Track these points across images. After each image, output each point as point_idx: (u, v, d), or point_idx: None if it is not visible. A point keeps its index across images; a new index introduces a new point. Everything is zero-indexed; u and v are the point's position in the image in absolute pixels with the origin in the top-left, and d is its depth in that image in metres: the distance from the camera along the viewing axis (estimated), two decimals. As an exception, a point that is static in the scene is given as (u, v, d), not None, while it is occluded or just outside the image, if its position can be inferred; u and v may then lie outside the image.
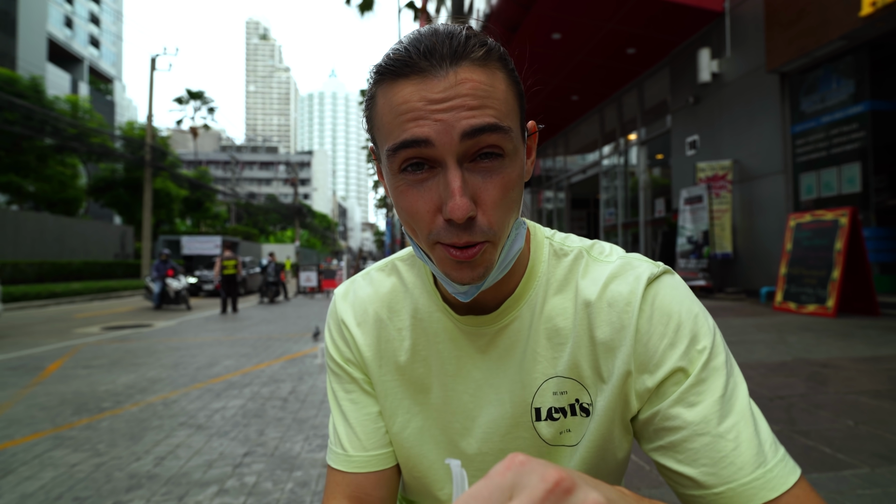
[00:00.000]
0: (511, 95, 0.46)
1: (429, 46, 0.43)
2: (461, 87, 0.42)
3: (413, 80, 0.43)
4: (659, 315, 0.49)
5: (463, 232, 0.44)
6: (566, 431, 0.54)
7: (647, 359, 0.49)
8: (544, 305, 0.55)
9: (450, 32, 0.44)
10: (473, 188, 0.44)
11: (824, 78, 6.78)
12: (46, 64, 32.28)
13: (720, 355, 0.48)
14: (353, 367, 0.62)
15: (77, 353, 5.64)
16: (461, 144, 0.43)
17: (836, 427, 2.32)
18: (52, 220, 19.47)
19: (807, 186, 7.06)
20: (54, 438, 2.80)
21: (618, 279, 0.52)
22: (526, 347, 0.54)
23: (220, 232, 38.59)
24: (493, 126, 0.43)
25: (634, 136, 11.52)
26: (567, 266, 0.56)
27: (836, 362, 3.53)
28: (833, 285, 5.65)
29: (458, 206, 0.42)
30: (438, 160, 0.44)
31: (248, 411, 3.24)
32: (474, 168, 0.44)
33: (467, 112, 0.42)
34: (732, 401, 0.46)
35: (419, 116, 0.42)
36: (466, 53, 0.43)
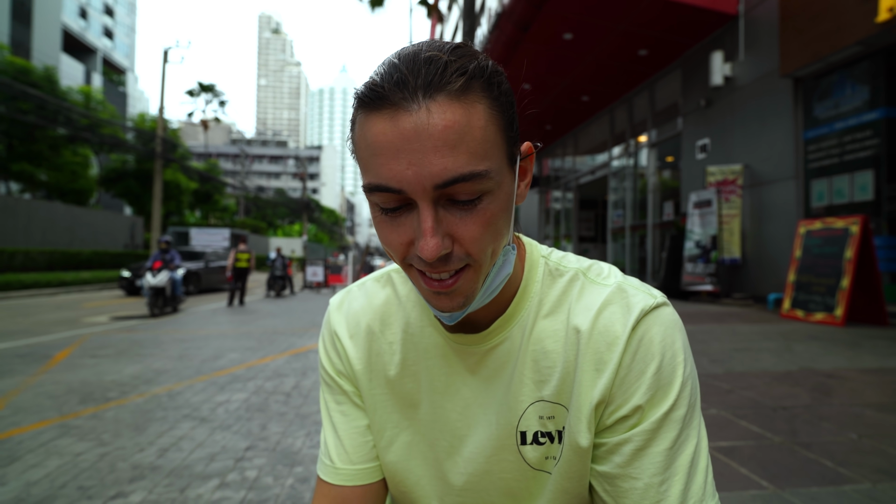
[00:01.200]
0: (493, 129, 0.43)
1: (402, 77, 0.41)
2: (433, 128, 0.40)
3: (384, 115, 0.41)
4: (643, 354, 0.49)
5: (439, 265, 0.44)
6: (552, 458, 0.53)
7: (621, 393, 0.49)
8: (534, 327, 0.54)
9: (429, 59, 0.41)
10: (449, 225, 0.43)
11: (839, 83, 6.70)
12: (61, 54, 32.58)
13: (682, 408, 0.48)
14: (344, 380, 0.62)
15: (85, 342, 5.72)
16: (434, 192, 0.41)
17: (839, 440, 2.30)
18: (64, 210, 19.68)
19: (818, 193, 6.98)
20: (60, 427, 2.84)
21: (611, 307, 0.51)
22: (514, 369, 0.54)
23: (228, 225, 38.84)
24: (467, 176, 0.41)
25: (645, 138, 11.44)
26: (561, 287, 0.55)
27: (843, 373, 3.50)
28: (842, 294, 5.59)
29: (428, 248, 0.41)
30: (413, 201, 0.43)
31: (252, 405, 3.27)
32: (450, 206, 0.43)
33: (439, 159, 0.40)
34: (677, 455, 0.47)
35: (390, 157, 0.41)
36: (442, 85, 0.41)
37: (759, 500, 1.77)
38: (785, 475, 1.96)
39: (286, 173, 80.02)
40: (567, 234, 16.41)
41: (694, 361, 0.52)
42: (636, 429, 0.48)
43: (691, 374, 0.50)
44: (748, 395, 3.01)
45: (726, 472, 1.98)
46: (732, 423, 2.52)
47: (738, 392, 3.06)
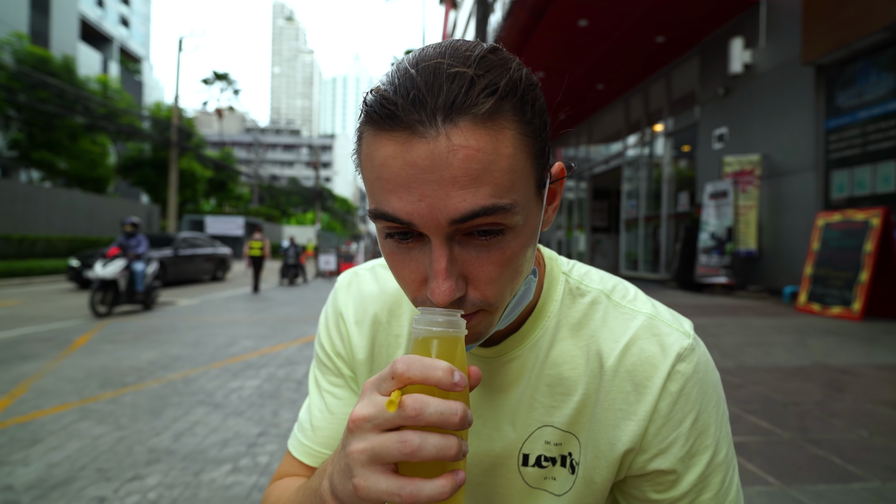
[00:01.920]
0: (522, 157, 0.38)
1: (419, 96, 0.35)
2: (454, 157, 0.35)
3: (396, 137, 0.36)
4: (683, 402, 0.46)
5: (451, 307, 0.40)
6: (551, 479, 0.51)
7: (658, 443, 0.46)
8: (551, 350, 0.50)
9: (453, 75, 0.35)
10: (464, 265, 0.39)
11: (863, 71, 6.50)
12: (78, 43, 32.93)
13: (722, 451, 0.47)
14: (341, 362, 0.60)
15: (104, 328, 5.86)
16: (449, 227, 0.37)
17: (850, 437, 2.28)
18: (83, 198, 20.05)
19: (838, 184, 6.82)
20: (80, 410, 2.93)
21: (641, 343, 0.47)
22: (525, 390, 0.51)
23: (242, 213, 39.24)
24: (489, 209, 0.36)
25: (661, 127, 11.25)
26: (583, 309, 0.51)
27: (857, 369, 3.45)
28: (860, 288, 5.48)
29: (440, 291, 0.37)
30: (424, 234, 0.39)
31: (264, 392, 3.34)
32: (468, 241, 0.39)
33: (458, 192, 0.35)
34: (726, 494, 0.47)
35: (400, 187, 0.36)
36: (467, 107, 0.35)
37: (764, 497, 1.77)
38: (792, 472, 1.95)
39: (299, 162, 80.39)
40: (580, 224, 16.28)
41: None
42: (680, 486, 0.46)
43: (724, 410, 0.49)
44: (759, 390, 2.98)
45: (733, 467, 1.98)
46: (741, 419, 2.51)
47: (749, 387, 3.04)
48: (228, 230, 30.74)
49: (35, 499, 1.91)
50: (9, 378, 3.64)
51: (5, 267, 11.92)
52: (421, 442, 0.32)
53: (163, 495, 1.94)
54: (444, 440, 0.33)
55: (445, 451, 0.33)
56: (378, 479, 0.33)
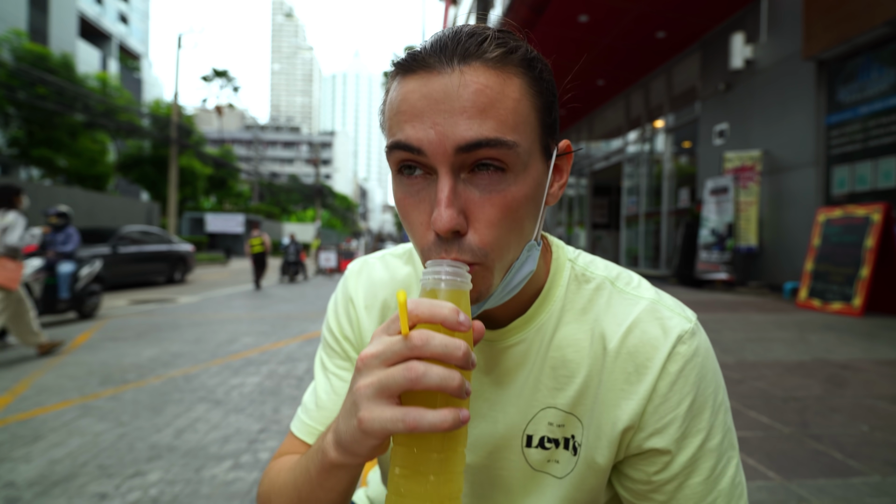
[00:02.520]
0: (527, 106, 0.42)
1: (442, 43, 0.41)
2: (464, 90, 0.39)
3: (418, 76, 0.41)
4: (681, 384, 0.47)
5: (450, 247, 0.41)
6: (554, 462, 0.52)
7: (654, 421, 0.48)
8: (556, 333, 0.52)
9: (472, 32, 0.41)
10: (467, 202, 0.41)
11: (864, 66, 6.48)
12: (77, 40, 32.86)
13: (716, 437, 0.48)
14: (349, 345, 0.61)
15: (105, 325, 5.87)
16: (456, 157, 0.40)
17: (850, 432, 2.28)
18: (83, 195, 20.03)
19: (839, 180, 6.81)
20: (81, 407, 2.94)
21: (644, 325, 0.49)
22: (530, 373, 0.52)
23: (243, 210, 39.24)
24: (493, 141, 0.39)
25: (661, 123, 11.23)
26: (588, 295, 0.53)
27: (857, 364, 3.45)
28: (861, 284, 5.48)
29: (441, 217, 0.39)
30: (432, 167, 0.41)
31: (265, 389, 3.34)
32: (472, 180, 0.41)
33: (466, 122, 0.39)
34: (718, 481, 0.48)
35: (415, 116, 0.40)
36: (480, 53, 0.40)
37: (764, 492, 1.77)
38: (792, 466, 1.95)
39: (299, 159, 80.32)
40: (580, 220, 16.27)
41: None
42: (672, 466, 0.47)
43: (723, 400, 0.50)
44: (759, 385, 2.99)
45: (733, 462, 1.98)
46: (741, 414, 2.51)
47: (749, 382, 3.04)
48: (229, 227, 30.75)
49: (37, 495, 1.91)
50: (10, 375, 3.64)
51: (6, 265, 11.91)
52: (425, 370, 0.34)
53: (164, 491, 1.95)
54: (447, 371, 0.34)
55: (448, 382, 0.34)
56: (383, 410, 0.35)
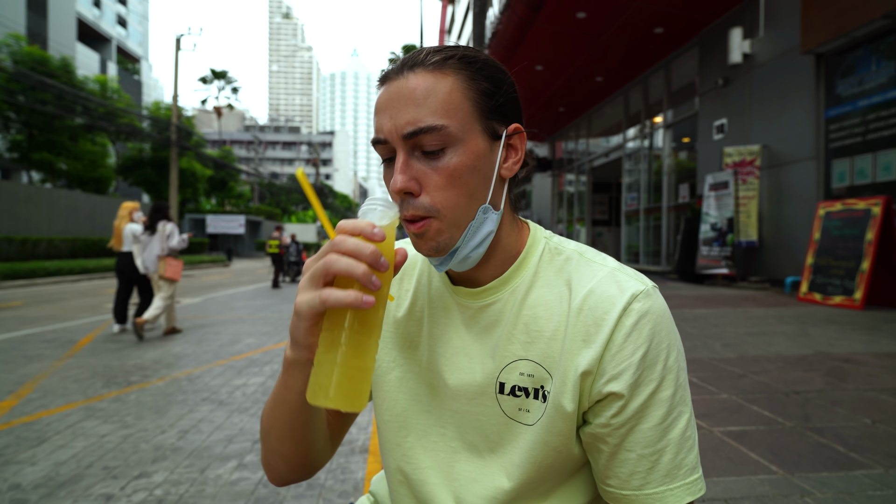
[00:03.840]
0: (458, 95, 0.53)
1: (402, 61, 0.54)
2: (405, 88, 0.52)
3: (385, 85, 0.55)
4: (635, 335, 0.53)
5: (408, 206, 0.53)
6: (525, 411, 0.58)
7: (611, 368, 0.53)
8: (528, 294, 0.59)
9: (428, 49, 0.55)
10: (418, 172, 0.53)
11: (863, 59, 6.46)
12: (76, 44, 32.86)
13: (668, 389, 0.53)
14: None
15: (108, 327, 5.88)
16: (405, 141, 0.52)
17: (852, 425, 2.28)
18: (84, 198, 20.08)
19: (839, 173, 6.80)
20: (86, 409, 2.95)
21: (604, 285, 0.56)
22: (504, 328, 0.59)
23: (243, 211, 39.25)
24: (425, 128, 0.51)
25: (660, 119, 11.21)
26: (559, 264, 0.61)
27: (859, 357, 3.45)
28: (862, 277, 5.48)
29: (395, 181, 0.52)
30: (394, 151, 0.54)
31: (268, 389, 3.35)
32: (421, 158, 0.53)
33: (406, 113, 0.51)
34: (668, 430, 0.53)
35: (380, 113, 0.54)
36: (422, 61, 0.53)
37: (767, 485, 1.78)
38: (795, 460, 1.96)
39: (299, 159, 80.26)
40: (580, 217, 16.26)
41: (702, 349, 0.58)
42: (626, 411, 0.53)
43: (678, 360, 0.55)
44: (761, 379, 2.99)
45: (735, 457, 1.99)
46: (744, 408, 2.52)
47: (751, 376, 3.05)
48: (230, 229, 30.76)
49: (42, 497, 1.92)
50: (14, 378, 3.66)
51: (8, 268, 11.95)
52: (336, 258, 0.45)
53: (169, 492, 1.96)
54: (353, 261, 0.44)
55: (354, 269, 0.44)
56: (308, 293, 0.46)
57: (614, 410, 0.53)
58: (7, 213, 15.92)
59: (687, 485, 0.53)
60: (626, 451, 0.53)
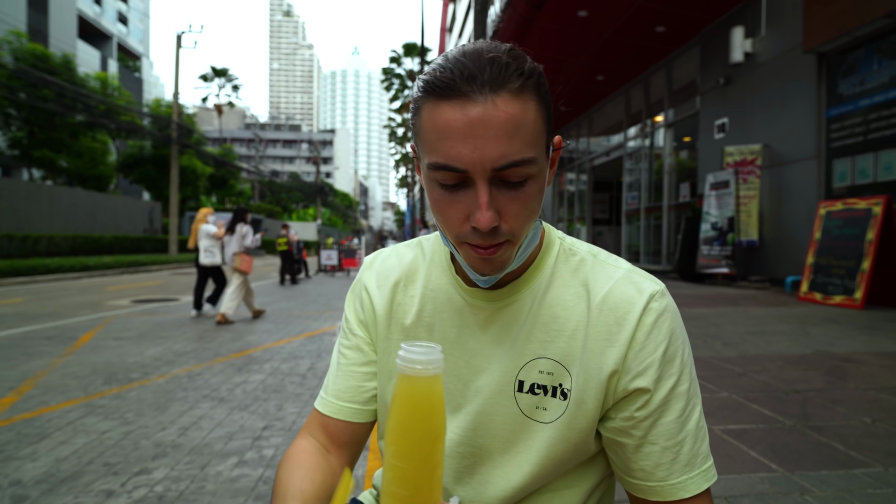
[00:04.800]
0: (540, 122, 0.51)
1: (472, 72, 0.48)
2: (496, 118, 0.47)
3: (454, 104, 0.48)
4: (655, 333, 0.56)
5: (487, 237, 0.52)
6: (542, 409, 0.59)
7: (636, 365, 0.56)
8: (546, 294, 0.61)
9: (492, 58, 0.49)
10: (499, 202, 0.51)
11: (865, 59, 6.45)
12: (77, 41, 32.83)
13: (685, 383, 0.57)
14: (362, 328, 0.70)
15: (108, 324, 5.89)
16: (491, 173, 0.49)
17: (852, 424, 2.28)
18: (85, 196, 20.09)
19: (840, 173, 6.80)
20: (86, 406, 2.95)
21: (622, 286, 0.58)
22: (522, 327, 0.60)
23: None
24: (520, 161, 0.49)
25: (661, 118, 11.20)
26: (574, 265, 0.62)
27: (859, 357, 3.45)
28: (862, 276, 5.48)
29: (484, 219, 0.50)
30: (471, 179, 0.50)
31: (268, 386, 3.36)
32: (501, 186, 0.51)
33: (499, 146, 0.48)
34: (686, 422, 0.57)
35: (458, 140, 0.48)
36: (504, 83, 0.48)
37: (767, 483, 1.78)
38: (795, 458, 1.96)
39: (300, 157, 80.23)
40: (581, 216, 16.25)
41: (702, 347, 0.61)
42: (650, 404, 0.56)
43: (690, 355, 0.59)
44: (761, 378, 2.99)
45: (735, 455, 1.99)
46: (744, 406, 2.52)
47: (751, 375, 3.05)
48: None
49: (43, 493, 1.93)
50: (15, 375, 3.66)
51: (9, 265, 11.95)
52: None
53: (170, 488, 1.96)
54: None
55: None
56: None
57: (639, 404, 0.56)
58: (8, 210, 15.92)
59: (703, 472, 0.56)
60: (650, 444, 0.56)
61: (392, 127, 47.09)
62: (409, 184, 43.95)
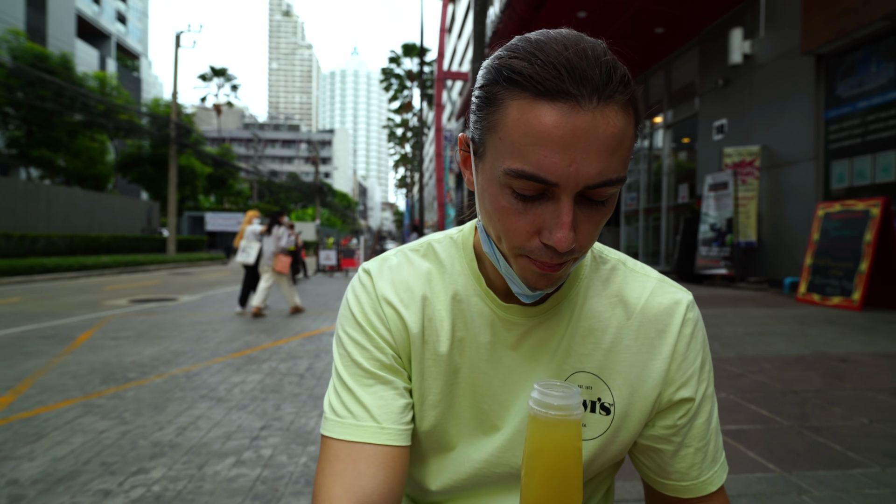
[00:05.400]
0: (633, 143, 0.46)
1: (583, 73, 0.41)
2: (603, 132, 0.41)
3: (558, 107, 0.41)
4: (693, 343, 0.58)
5: (556, 255, 0.46)
6: (583, 425, 0.58)
7: (678, 377, 0.57)
8: (584, 305, 0.59)
9: (597, 58, 0.42)
10: (577, 220, 0.46)
11: (863, 61, 6.47)
12: (75, 40, 32.77)
13: (711, 385, 0.60)
14: (387, 346, 0.59)
15: (106, 324, 5.88)
16: (582, 189, 0.44)
17: (850, 424, 2.29)
18: (83, 195, 20.06)
19: (838, 174, 6.81)
20: (84, 406, 2.95)
21: (659, 297, 0.59)
22: (561, 341, 0.59)
23: (243, 209, 39.19)
24: (615, 181, 0.44)
25: (660, 119, 11.22)
26: (606, 273, 0.61)
27: (857, 357, 3.46)
28: (860, 278, 5.49)
29: (565, 239, 0.44)
30: (554, 193, 0.44)
31: (266, 386, 3.35)
32: (583, 204, 0.46)
33: (599, 163, 0.42)
34: (710, 421, 0.59)
35: (557, 150, 0.41)
36: (614, 91, 0.42)
37: (764, 483, 1.78)
38: (792, 458, 1.96)
39: (299, 157, 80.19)
40: (580, 217, 16.25)
41: None
42: (692, 410, 0.57)
43: (710, 356, 0.62)
44: (759, 379, 3.00)
45: (733, 455, 1.99)
46: (742, 407, 2.52)
47: (749, 376, 3.05)
48: (228, 226, 30.74)
49: (40, 493, 1.92)
50: (12, 374, 3.65)
51: (6, 265, 11.93)
52: None
53: (167, 488, 1.96)
54: None
55: None
56: None
57: (682, 412, 0.58)
58: (5, 209, 15.89)
59: (722, 464, 0.60)
60: (685, 447, 0.58)
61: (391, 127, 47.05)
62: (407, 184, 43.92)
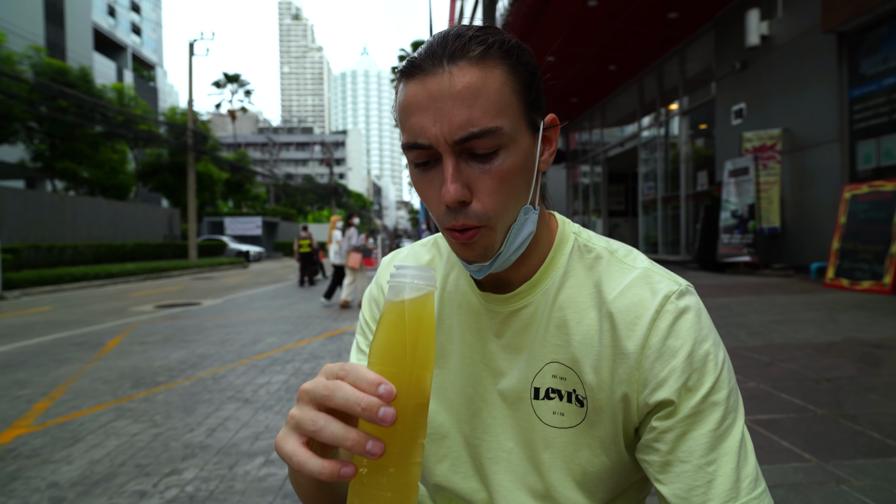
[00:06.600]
0: (508, 90, 0.48)
1: (431, 49, 0.47)
2: (453, 87, 0.46)
3: (416, 79, 0.47)
4: (673, 338, 0.50)
5: (458, 215, 0.49)
6: (559, 414, 0.56)
7: (652, 377, 0.50)
8: (558, 295, 0.57)
9: (457, 34, 0.48)
10: (468, 177, 0.48)
11: (888, 36, 6.25)
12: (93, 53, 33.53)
13: (722, 390, 0.49)
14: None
15: (133, 330, 6.02)
16: (455, 146, 0.47)
17: (887, 412, 2.22)
18: (106, 205, 20.54)
19: (864, 155, 6.60)
20: (116, 410, 3.02)
21: (635, 289, 0.53)
22: (537, 331, 0.57)
23: (260, 213, 39.72)
24: (481, 132, 0.46)
25: (676, 106, 11.02)
26: (589, 263, 0.58)
27: (891, 343, 3.35)
28: (891, 260, 5.32)
29: (448, 192, 0.47)
30: (439, 154, 0.48)
31: (291, 386, 3.40)
32: (472, 159, 0.48)
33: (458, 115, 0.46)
34: (724, 437, 0.48)
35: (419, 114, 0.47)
36: (464, 53, 0.47)
37: (801, 473, 1.74)
38: (829, 447, 1.91)
39: (313, 159, 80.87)
40: (596, 208, 16.09)
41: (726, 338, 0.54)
42: (675, 416, 0.48)
43: (725, 357, 0.51)
44: (789, 367, 2.93)
45: (766, 445, 1.95)
46: (773, 396, 2.47)
47: (779, 364, 2.98)
48: (247, 230, 31.19)
49: (80, 495, 1.98)
50: (47, 381, 3.77)
51: (37, 275, 12.28)
52: (323, 425, 0.37)
53: (200, 488, 2.00)
54: (344, 430, 0.36)
55: (341, 441, 0.36)
56: (287, 442, 0.38)
57: (662, 415, 0.49)
58: (34, 221, 16.36)
59: (753, 500, 0.46)
60: (680, 461, 0.48)
61: (403, 129, 46.99)
62: (421, 182, 43.76)
